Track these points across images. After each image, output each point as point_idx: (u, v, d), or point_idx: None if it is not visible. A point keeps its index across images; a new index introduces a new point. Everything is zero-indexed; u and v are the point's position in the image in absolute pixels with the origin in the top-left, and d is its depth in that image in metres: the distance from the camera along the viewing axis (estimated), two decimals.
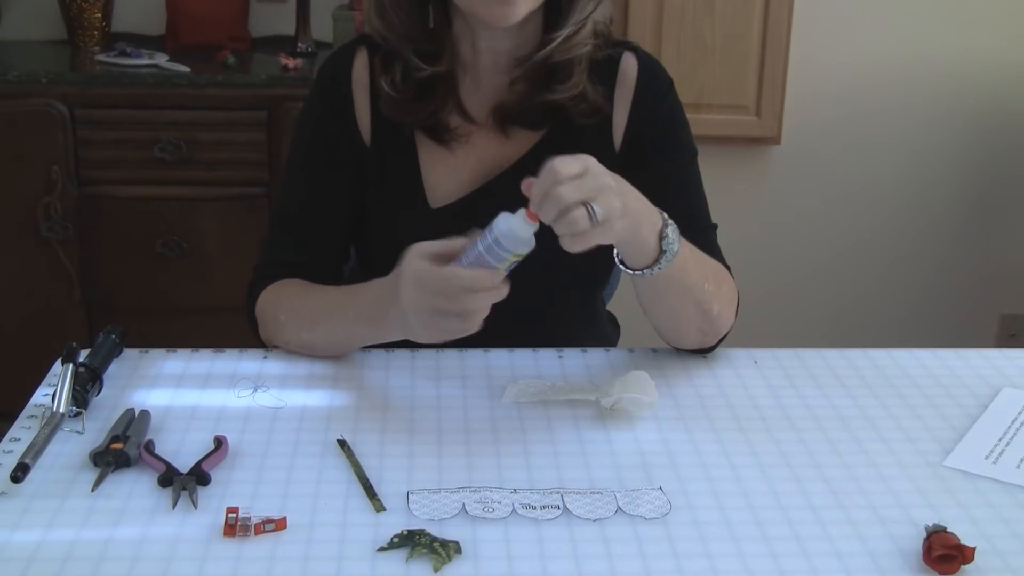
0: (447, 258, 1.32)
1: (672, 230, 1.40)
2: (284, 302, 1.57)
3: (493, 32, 1.55)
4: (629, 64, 1.64)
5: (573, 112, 1.59)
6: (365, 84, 1.62)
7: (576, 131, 1.59)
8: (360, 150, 1.62)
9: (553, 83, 1.57)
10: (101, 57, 2.91)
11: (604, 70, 1.62)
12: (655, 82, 1.64)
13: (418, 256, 1.33)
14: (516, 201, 1.29)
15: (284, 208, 1.67)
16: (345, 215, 1.64)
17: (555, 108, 1.59)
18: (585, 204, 1.25)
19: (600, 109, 1.60)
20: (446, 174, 1.61)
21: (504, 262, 1.28)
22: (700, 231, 1.57)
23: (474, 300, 1.29)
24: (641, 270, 1.40)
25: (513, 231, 1.26)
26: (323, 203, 1.62)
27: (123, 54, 2.90)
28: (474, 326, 1.32)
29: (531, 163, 1.54)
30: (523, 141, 1.61)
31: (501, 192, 1.53)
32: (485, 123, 1.62)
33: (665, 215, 1.40)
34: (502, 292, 1.30)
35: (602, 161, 1.32)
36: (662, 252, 1.39)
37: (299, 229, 1.63)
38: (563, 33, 1.54)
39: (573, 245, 1.28)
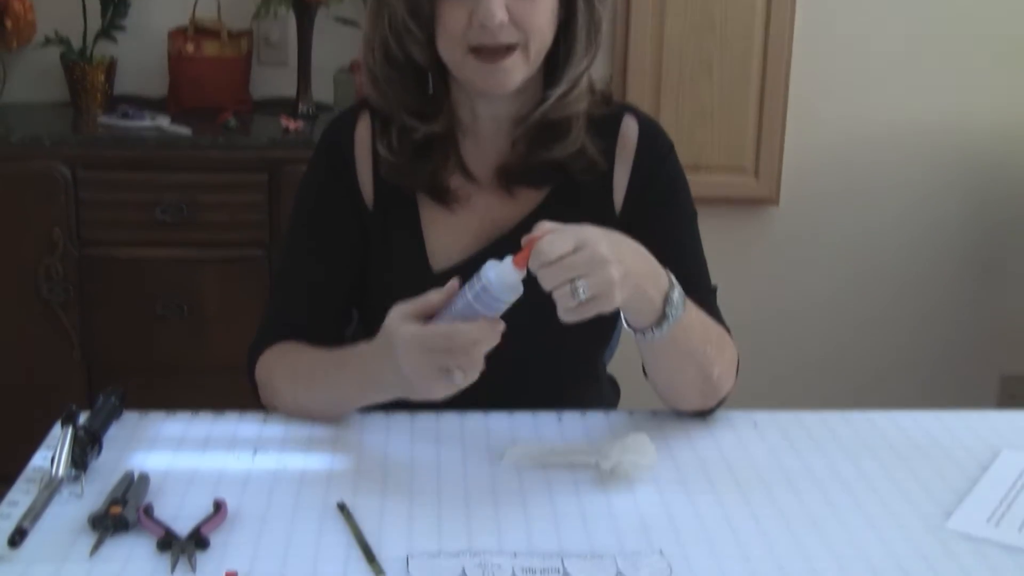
0: (428, 315, 1.34)
1: (678, 293, 1.40)
2: (283, 366, 1.58)
3: (491, 99, 1.56)
4: (630, 126, 1.65)
5: (573, 169, 1.60)
6: (367, 148, 1.63)
7: (578, 190, 1.61)
8: (363, 214, 1.63)
9: (553, 141, 1.58)
10: (103, 119, 2.93)
11: (605, 130, 1.63)
12: (656, 145, 1.65)
13: (404, 319, 1.34)
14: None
15: (286, 271, 1.67)
16: (347, 279, 1.64)
17: (556, 166, 1.60)
18: (572, 281, 1.26)
19: (599, 165, 1.61)
20: (449, 236, 1.61)
21: (497, 311, 1.30)
22: (700, 293, 1.56)
23: (478, 351, 1.30)
24: (644, 331, 1.41)
25: (503, 279, 1.28)
26: (325, 267, 1.63)
27: (125, 116, 2.92)
28: (476, 375, 1.32)
29: (534, 223, 1.55)
30: (526, 201, 1.62)
31: (505, 254, 1.53)
32: (488, 183, 1.62)
33: (672, 276, 1.41)
34: (498, 337, 1.31)
35: (603, 221, 1.35)
36: (665, 315, 1.39)
37: (301, 292, 1.63)
38: (559, 91, 1.56)
39: (566, 317, 1.29)
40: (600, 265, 1.28)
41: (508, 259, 1.28)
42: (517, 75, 1.51)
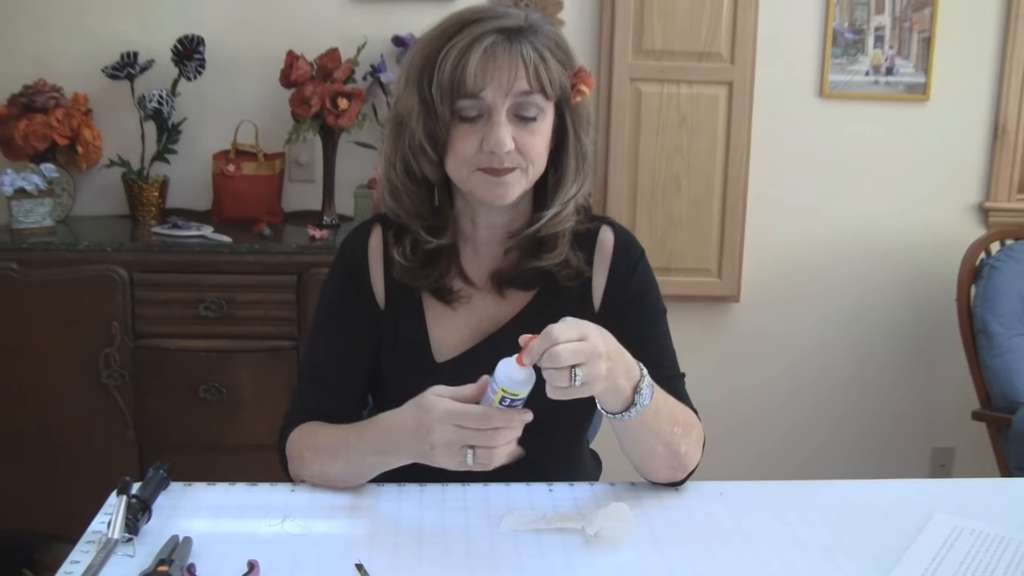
0: (461, 401, 1.36)
1: (647, 384, 1.42)
2: (308, 440, 1.58)
3: (490, 209, 1.58)
4: (607, 237, 1.67)
5: (558, 276, 1.61)
6: (379, 256, 1.64)
7: (561, 292, 1.62)
8: (376, 312, 1.64)
9: (541, 252, 1.60)
10: (156, 229, 2.96)
11: (585, 240, 1.65)
12: (629, 253, 1.66)
13: (442, 396, 1.36)
14: (512, 353, 1.31)
15: (310, 362, 1.67)
16: (363, 368, 1.65)
17: (543, 273, 1.61)
18: (572, 367, 1.28)
19: (582, 273, 1.63)
20: (450, 331, 1.62)
21: (515, 404, 1.32)
22: (670, 380, 1.58)
23: (503, 436, 1.33)
24: (615, 414, 1.42)
25: (510, 376, 1.30)
26: (343, 358, 1.63)
27: (175, 226, 2.94)
28: (495, 461, 1.34)
29: (524, 320, 1.58)
30: (516, 301, 1.63)
31: (499, 346, 1.54)
32: (484, 286, 1.64)
33: (644, 369, 1.42)
34: (520, 430, 1.33)
35: (583, 318, 1.36)
36: (634, 403, 1.41)
37: (323, 380, 1.64)
38: (550, 213, 1.58)
39: (555, 395, 1.31)
40: (595, 358, 1.30)
41: (512, 358, 1.31)
42: (516, 190, 1.53)
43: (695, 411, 1.60)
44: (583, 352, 1.29)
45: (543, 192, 1.60)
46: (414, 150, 1.53)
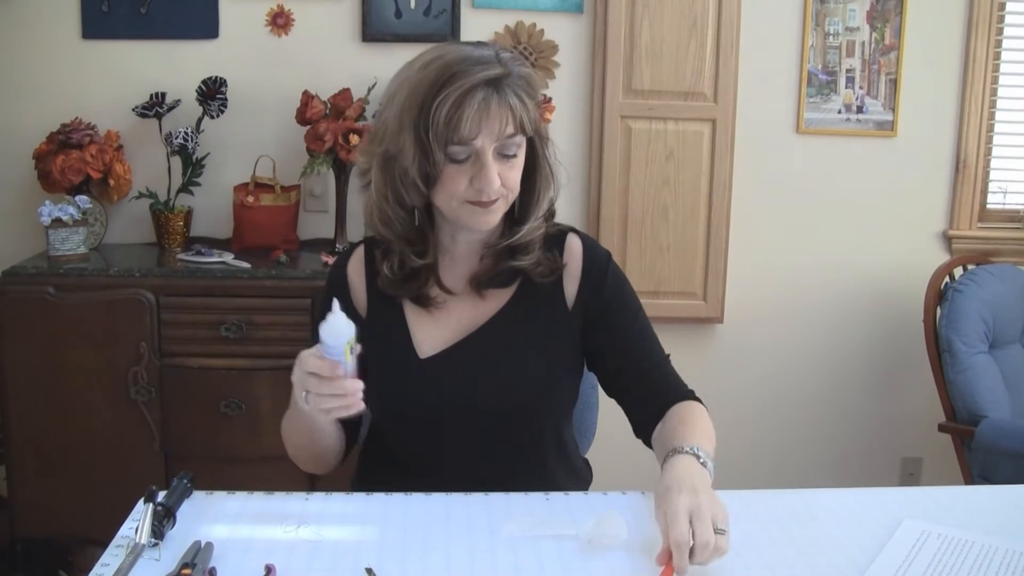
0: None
1: (710, 464, 1.47)
2: (284, 423, 1.68)
3: (472, 230, 1.61)
4: (574, 243, 1.70)
5: (533, 273, 1.64)
6: (361, 272, 1.69)
7: (536, 291, 1.65)
8: (359, 321, 1.64)
9: (516, 254, 1.64)
10: (181, 256, 2.96)
11: (554, 242, 1.68)
12: (596, 259, 1.69)
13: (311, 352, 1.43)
14: (494, 348, 1.42)
15: None
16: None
17: (518, 271, 1.64)
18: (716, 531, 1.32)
19: (556, 269, 1.66)
20: (431, 332, 1.65)
21: (343, 354, 1.38)
22: (660, 366, 1.68)
23: (323, 385, 1.39)
24: None
25: (335, 329, 1.38)
26: None
27: (198, 253, 2.94)
28: (320, 405, 1.41)
29: (503, 318, 1.64)
30: (496, 300, 1.66)
31: (481, 342, 1.62)
32: (462, 291, 1.66)
33: (699, 452, 1.47)
34: (340, 388, 1.39)
35: (557, 316, 1.53)
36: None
37: None
38: (524, 228, 1.62)
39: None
40: (704, 514, 1.33)
41: (335, 308, 1.39)
42: (499, 215, 1.58)
43: (692, 391, 1.69)
44: (705, 529, 1.31)
45: (514, 204, 1.63)
46: (406, 185, 1.56)
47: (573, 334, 1.66)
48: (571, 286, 1.67)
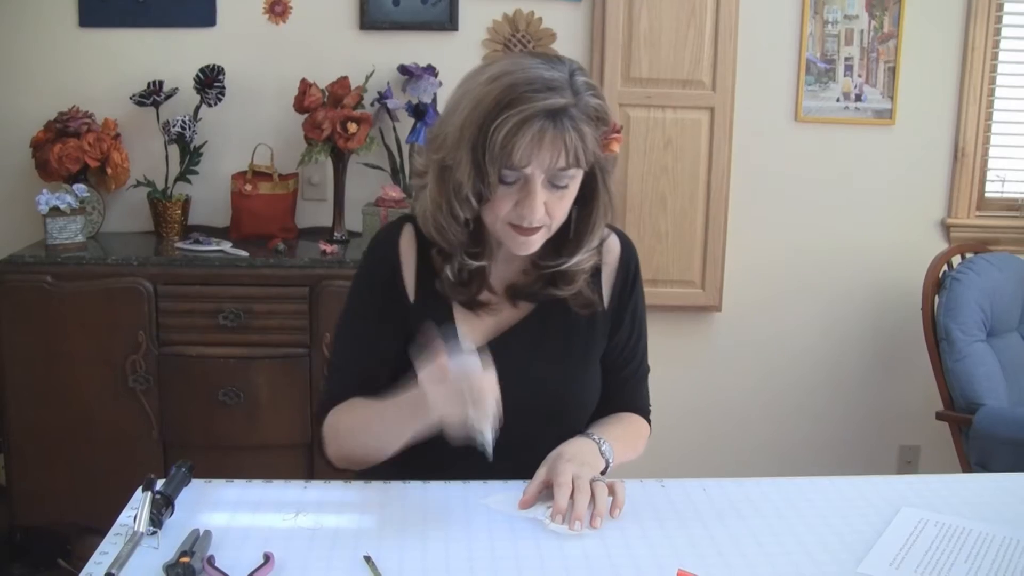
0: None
1: (607, 448, 1.58)
2: (342, 417, 1.59)
3: None
4: (613, 241, 1.71)
5: (571, 303, 1.64)
6: (412, 252, 1.63)
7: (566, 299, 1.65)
8: (405, 307, 1.63)
9: (559, 281, 1.62)
10: (179, 244, 2.96)
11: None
12: (632, 258, 1.72)
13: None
14: (519, 350, 1.45)
15: (340, 352, 1.67)
16: (390, 356, 1.62)
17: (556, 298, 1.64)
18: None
19: (592, 305, 1.66)
20: (470, 329, 1.61)
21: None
22: (637, 377, 1.75)
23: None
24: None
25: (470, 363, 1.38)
26: (372, 348, 1.63)
27: (196, 242, 2.94)
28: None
29: (531, 322, 1.65)
30: (526, 305, 1.66)
31: (509, 343, 1.61)
32: (501, 293, 1.65)
33: (601, 444, 1.58)
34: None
35: (593, 315, 1.61)
36: (607, 463, 1.58)
37: (353, 368, 1.64)
38: (573, 260, 1.60)
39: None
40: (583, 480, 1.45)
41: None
42: (538, 243, 1.56)
43: (647, 406, 1.75)
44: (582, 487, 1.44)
45: (568, 228, 1.60)
46: (460, 199, 1.53)
47: (605, 332, 1.69)
48: (607, 284, 1.69)
